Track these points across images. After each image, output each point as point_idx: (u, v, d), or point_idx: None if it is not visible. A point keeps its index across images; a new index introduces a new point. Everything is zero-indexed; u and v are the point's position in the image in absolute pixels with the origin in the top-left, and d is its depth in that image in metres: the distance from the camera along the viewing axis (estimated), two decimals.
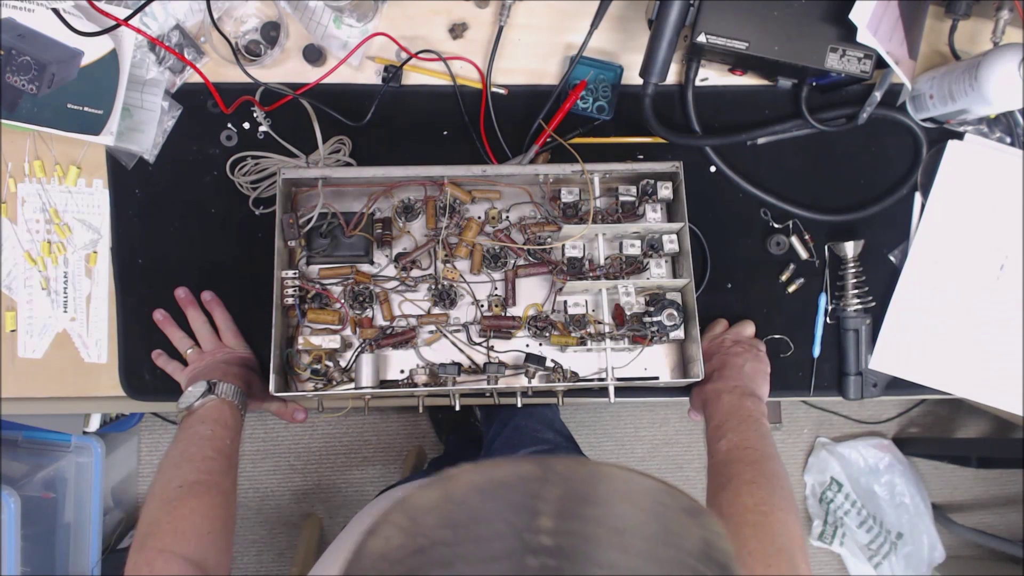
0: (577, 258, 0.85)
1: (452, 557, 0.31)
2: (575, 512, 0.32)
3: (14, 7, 0.82)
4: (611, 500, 0.34)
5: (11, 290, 0.90)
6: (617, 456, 1.85)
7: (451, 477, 0.35)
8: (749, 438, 0.73)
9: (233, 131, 0.90)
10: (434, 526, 0.32)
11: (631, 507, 0.34)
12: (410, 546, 0.32)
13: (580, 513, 0.32)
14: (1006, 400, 0.89)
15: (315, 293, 0.84)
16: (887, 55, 0.79)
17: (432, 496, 0.34)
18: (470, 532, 0.31)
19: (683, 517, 0.35)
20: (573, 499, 0.33)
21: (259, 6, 0.89)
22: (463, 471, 0.35)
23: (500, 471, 0.35)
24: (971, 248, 0.90)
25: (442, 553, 0.31)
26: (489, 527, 0.31)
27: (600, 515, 0.32)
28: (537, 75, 0.92)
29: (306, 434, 1.80)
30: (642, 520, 0.33)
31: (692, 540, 0.34)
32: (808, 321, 0.91)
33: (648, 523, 0.33)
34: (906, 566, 1.75)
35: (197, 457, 0.71)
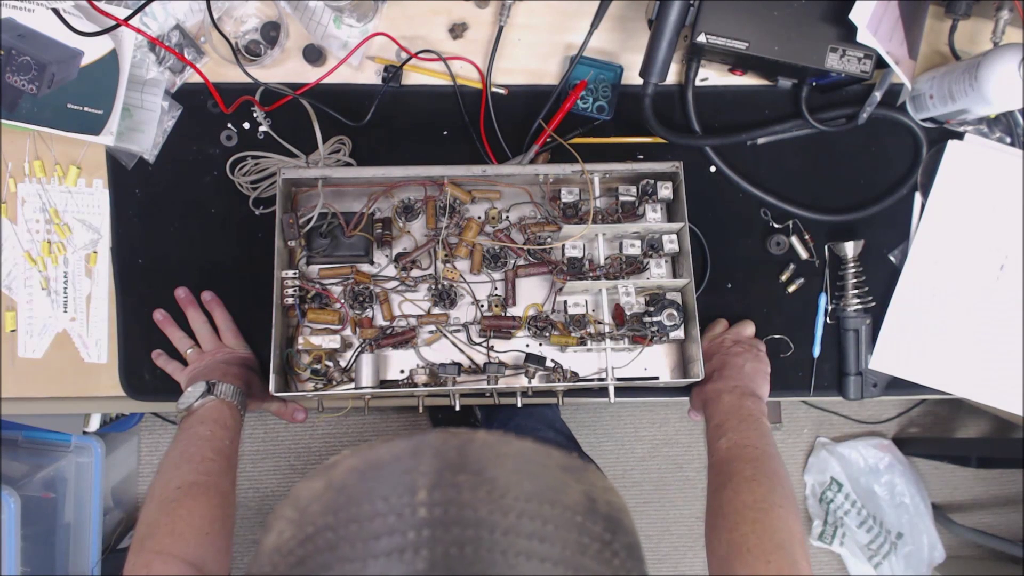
0: (577, 258, 0.85)
1: (336, 540, 0.31)
2: (450, 481, 0.33)
3: (14, 7, 0.82)
4: (486, 465, 0.34)
5: (11, 290, 0.90)
6: (617, 456, 1.85)
7: (332, 465, 0.36)
8: (749, 437, 0.73)
9: (233, 131, 0.90)
10: (319, 513, 0.33)
11: (507, 470, 0.34)
12: (299, 536, 0.33)
13: (455, 481, 0.33)
14: (1006, 400, 0.89)
15: (315, 293, 0.84)
16: (887, 55, 0.79)
17: (316, 485, 0.35)
18: (351, 514, 0.32)
19: (562, 475, 0.35)
20: (448, 469, 0.33)
21: (259, 6, 0.89)
22: (343, 457, 0.36)
23: (376, 452, 0.35)
24: (971, 248, 0.90)
25: (327, 538, 0.32)
26: (370, 507, 0.32)
27: (476, 481, 0.33)
28: (537, 75, 0.92)
29: (306, 434, 1.81)
30: (518, 481, 0.34)
31: (573, 496, 0.34)
32: (808, 321, 0.91)
33: (525, 483, 0.34)
34: (906, 566, 1.75)
35: (196, 458, 0.71)
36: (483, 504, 0.32)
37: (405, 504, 0.32)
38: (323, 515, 0.33)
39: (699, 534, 1.88)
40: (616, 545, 0.34)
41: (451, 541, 0.30)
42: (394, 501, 0.32)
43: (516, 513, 0.32)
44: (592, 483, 0.36)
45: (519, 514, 0.32)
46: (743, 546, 0.64)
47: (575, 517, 0.33)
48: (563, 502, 0.34)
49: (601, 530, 0.34)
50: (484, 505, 0.32)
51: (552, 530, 0.32)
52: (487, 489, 0.33)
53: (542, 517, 0.32)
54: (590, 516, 0.34)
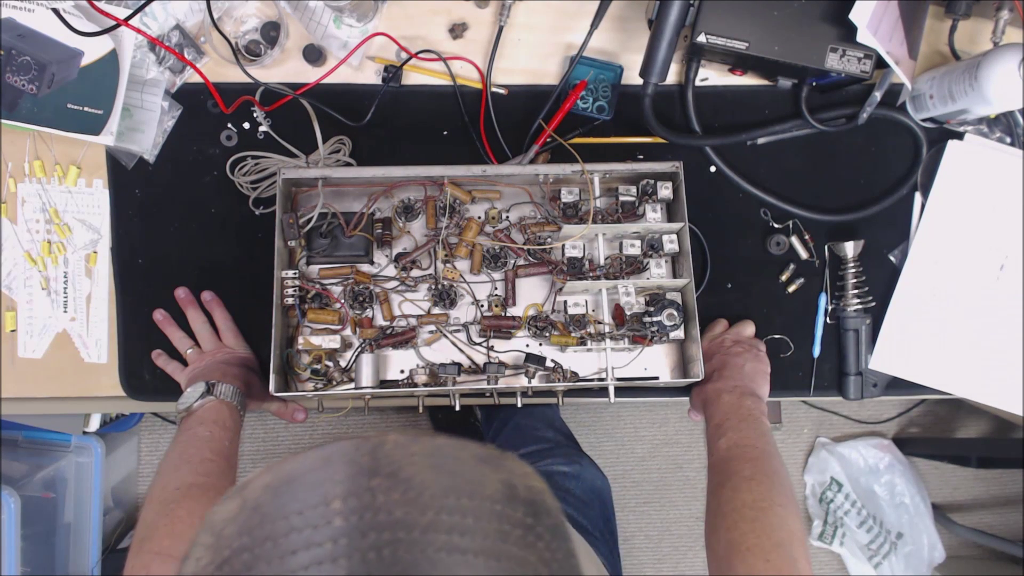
0: (577, 258, 0.85)
1: (253, 560, 0.31)
2: (364, 486, 0.32)
3: (14, 7, 0.82)
4: (400, 466, 0.34)
5: (11, 290, 0.90)
6: (617, 456, 1.85)
7: (245, 484, 0.35)
8: (749, 436, 0.73)
9: (233, 131, 0.90)
10: (234, 535, 0.32)
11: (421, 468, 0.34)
12: (216, 560, 0.32)
13: (369, 486, 0.32)
14: (1006, 400, 0.89)
15: (315, 293, 0.84)
16: (887, 55, 0.79)
17: (230, 507, 0.34)
18: (266, 532, 0.32)
19: (480, 467, 0.35)
20: (360, 474, 0.33)
21: (259, 6, 0.89)
22: (256, 475, 0.35)
23: (288, 466, 0.35)
24: (971, 248, 0.90)
25: (244, 560, 0.31)
26: (284, 523, 0.32)
27: (390, 484, 0.32)
28: (537, 75, 0.92)
29: (306, 434, 1.81)
30: (434, 478, 0.33)
31: (492, 485, 0.34)
32: (808, 321, 0.91)
33: (441, 479, 0.33)
34: (906, 566, 1.75)
35: (195, 459, 0.71)
36: (398, 506, 0.31)
37: (320, 516, 0.31)
38: (238, 536, 0.32)
39: (699, 534, 1.88)
40: (540, 528, 0.34)
41: (369, 547, 0.30)
42: (308, 514, 0.32)
43: (434, 510, 0.32)
44: (511, 471, 0.36)
45: (437, 510, 0.32)
46: (742, 545, 0.64)
47: (495, 506, 0.33)
48: (481, 493, 0.33)
49: (522, 515, 0.34)
50: (400, 507, 0.31)
51: (472, 522, 0.32)
52: (402, 490, 0.32)
53: (461, 511, 0.32)
54: (510, 503, 0.34)
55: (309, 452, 0.35)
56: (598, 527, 0.93)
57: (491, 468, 0.35)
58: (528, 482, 0.36)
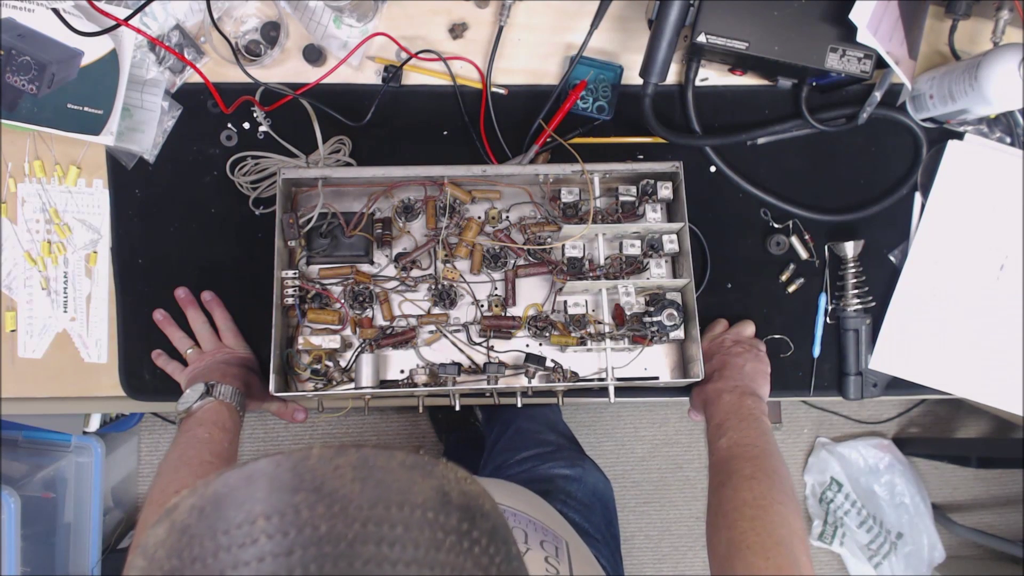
0: (577, 258, 0.85)
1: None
2: (288, 503, 0.32)
3: (14, 7, 0.82)
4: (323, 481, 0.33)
5: (11, 290, 0.90)
6: (617, 456, 1.85)
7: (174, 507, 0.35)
8: (749, 435, 0.73)
9: (233, 131, 0.90)
10: (164, 558, 0.32)
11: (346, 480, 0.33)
12: None
13: (292, 503, 0.32)
14: (1006, 400, 0.89)
15: (315, 293, 0.84)
16: (887, 55, 0.79)
17: (160, 531, 0.34)
18: (195, 553, 0.32)
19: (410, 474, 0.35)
20: (283, 491, 0.33)
21: (259, 6, 0.89)
22: (182, 497, 0.35)
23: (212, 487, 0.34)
24: (971, 248, 0.90)
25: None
26: (212, 543, 0.32)
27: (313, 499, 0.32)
28: (537, 75, 0.92)
29: (306, 434, 1.80)
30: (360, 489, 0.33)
31: (424, 493, 0.34)
32: (808, 321, 0.91)
33: (367, 490, 0.33)
34: (906, 566, 1.75)
35: (194, 461, 0.71)
36: (323, 520, 0.31)
37: (245, 535, 0.31)
38: (168, 559, 0.32)
39: (699, 534, 1.88)
40: (475, 533, 0.34)
41: (296, 563, 0.30)
42: (234, 533, 0.31)
43: (360, 521, 0.31)
44: (443, 476, 0.35)
45: (364, 522, 0.31)
46: (742, 544, 0.64)
47: (426, 514, 0.33)
48: (411, 501, 0.33)
49: (456, 521, 0.33)
50: (325, 521, 0.31)
51: (402, 532, 0.32)
52: (327, 503, 0.32)
53: (389, 521, 0.32)
54: (443, 510, 0.33)
55: (233, 470, 0.35)
56: (600, 530, 0.93)
57: (421, 475, 0.35)
58: (463, 487, 0.35)
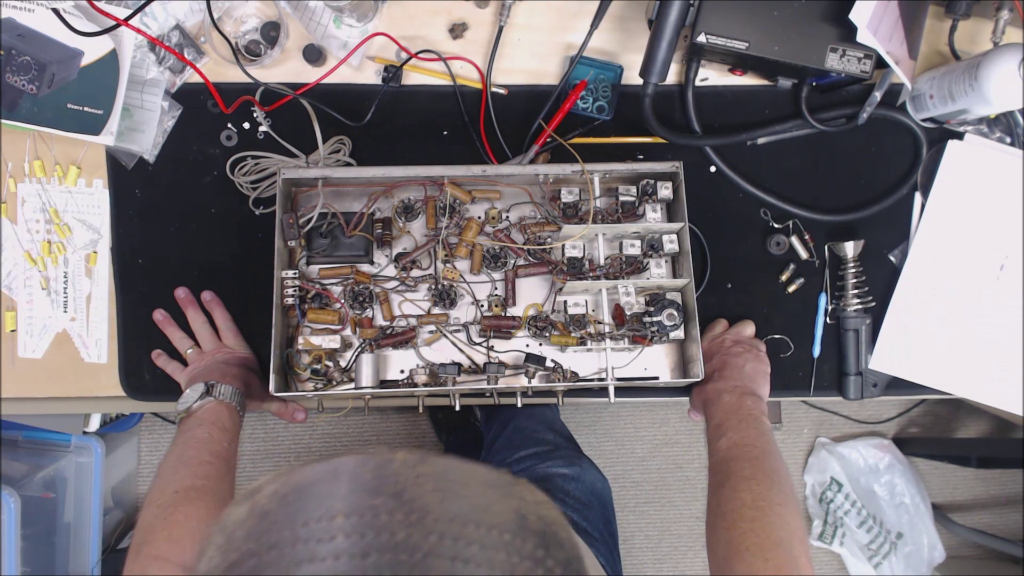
0: (577, 258, 0.85)
1: (260, 567, 0.31)
2: (367, 505, 0.32)
3: (14, 7, 0.82)
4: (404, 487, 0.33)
5: (11, 290, 0.90)
6: (617, 456, 1.85)
7: (257, 490, 0.35)
8: (749, 436, 0.73)
9: (233, 131, 0.90)
10: (243, 539, 0.33)
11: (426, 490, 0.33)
12: (225, 562, 0.32)
13: (372, 505, 0.32)
14: (1006, 400, 0.89)
15: (315, 293, 0.84)
16: (887, 55, 0.79)
17: (241, 511, 0.34)
18: (272, 540, 0.32)
19: (489, 492, 0.34)
20: (364, 492, 0.33)
21: (259, 6, 0.89)
22: (266, 481, 0.35)
23: (296, 476, 0.35)
24: (971, 248, 0.90)
25: (251, 565, 0.31)
26: (291, 533, 0.32)
27: (393, 504, 0.32)
28: (537, 75, 0.92)
29: (306, 434, 1.80)
30: (439, 501, 0.33)
31: (502, 514, 0.33)
32: (808, 321, 0.91)
33: (448, 504, 0.33)
34: (906, 566, 1.75)
35: (194, 462, 0.71)
36: (401, 527, 0.31)
37: (324, 530, 0.31)
38: (247, 541, 0.32)
39: (699, 534, 1.88)
40: (550, 562, 0.33)
41: (370, 566, 0.30)
42: (313, 527, 0.31)
43: (436, 535, 0.31)
44: (522, 498, 0.35)
45: (440, 535, 0.31)
46: (741, 545, 0.64)
47: (503, 535, 0.32)
48: (489, 521, 0.33)
49: (533, 547, 0.33)
50: (402, 528, 0.31)
51: (477, 551, 0.31)
52: (405, 511, 0.32)
53: (465, 538, 0.31)
54: (520, 533, 0.33)
55: (318, 463, 0.35)
56: (598, 529, 0.93)
57: (501, 494, 0.34)
58: (541, 511, 0.35)
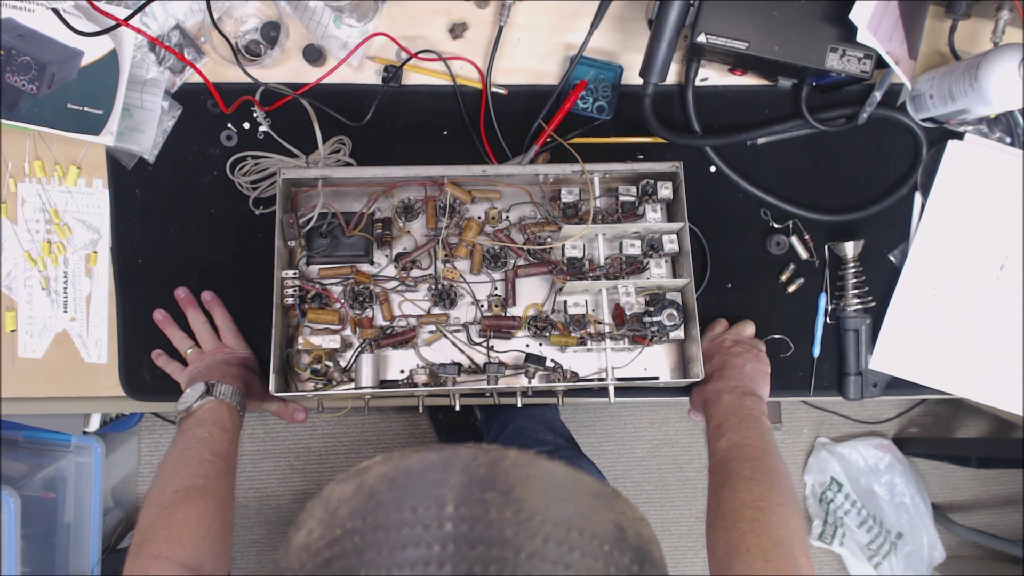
0: (577, 258, 0.85)
1: (364, 545, 0.32)
2: (478, 498, 0.33)
3: (14, 7, 0.82)
4: (515, 485, 0.34)
5: (11, 290, 0.90)
6: (617, 456, 1.85)
7: (365, 469, 0.36)
8: (749, 436, 0.73)
9: (233, 131, 0.90)
10: (347, 516, 0.33)
11: (536, 492, 0.34)
12: (327, 537, 0.33)
13: (483, 499, 0.33)
14: (1006, 400, 0.89)
15: (315, 293, 0.84)
16: (887, 55, 0.79)
17: (347, 489, 0.35)
18: (379, 521, 0.32)
19: (593, 502, 0.35)
20: (476, 485, 0.33)
21: (259, 6, 0.89)
22: (375, 463, 0.36)
23: (408, 461, 0.35)
24: (971, 248, 0.90)
25: (355, 542, 0.32)
26: (398, 515, 0.32)
27: (504, 501, 0.33)
28: (537, 75, 0.92)
29: (306, 434, 1.80)
30: (547, 504, 0.33)
31: (603, 524, 0.34)
32: (808, 321, 0.91)
33: (554, 507, 0.33)
34: (906, 566, 1.75)
35: (194, 461, 0.71)
36: (509, 525, 0.32)
37: (432, 516, 0.32)
38: (351, 519, 0.33)
39: (699, 534, 1.88)
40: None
41: (475, 559, 0.30)
42: (422, 512, 0.32)
43: (543, 537, 0.32)
44: (623, 512, 0.36)
45: (545, 538, 0.32)
46: (741, 545, 0.64)
47: (603, 546, 0.33)
48: (591, 530, 0.33)
49: (629, 561, 0.33)
50: (511, 526, 0.32)
51: (578, 558, 0.32)
52: (514, 509, 0.32)
53: (569, 543, 0.32)
54: (619, 546, 0.34)
55: (429, 451, 0.36)
56: None
57: (604, 505, 0.35)
58: (639, 528, 0.36)
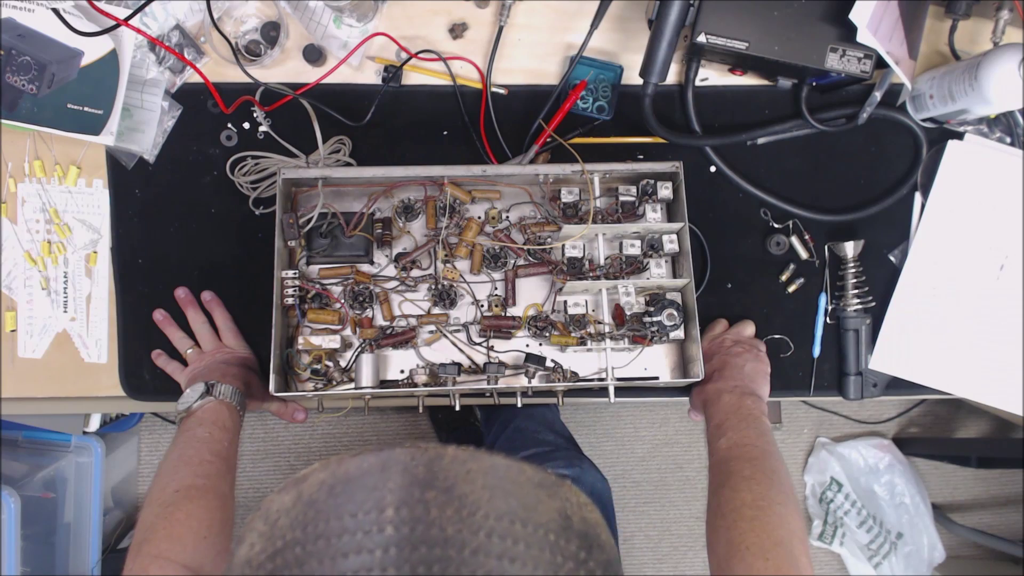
0: (577, 258, 0.85)
1: (304, 556, 0.31)
2: (418, 498, 0.32)
3: (14, 7, 0.82)
4: (455, 482, 0.33)
5: (11, 290, 0.90)
6: (617, 456, 1.85)
7: (302, 478, 0.35)
8: (748, 436, 0.73)
9: (233, 131, 0.90)
10: (287, 527, 0.33)
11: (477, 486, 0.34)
12: (268, 550, 0.32)
13: (423, 498, 0.32)
14: (1006, 400, 0.89)
15: (315, 293, 0.84)
16: (887, 55, 0.79)
17: (286, 499, 0.34)
18: (319, 530, 0.32)
19: (536, 492, 0.35)
20: (416, 485, 0.33)
21: (259, 6, 0.89)
22: (313, 470, 0.35)
23: (345, 466, 0.35)
24: (971, 248, 0.90)
25: (296, 554, 0.32)
26: (338, 523, 0.32)
27: (444, 499, 0.32)
28: (537, 75, 0.92)
29: (306, 434, 1.80)
30: (489, 498, 0.33)
31: (547, 513, 0.34)
32: (808, 321, 0.91)
33: (496, 500, 0.33)
34: (906, 566, 1.75)
35: (194, 461, 0.71)
36: (451, 523, 0.31)
37: (372, 521, 0.31)
38: (292, 529, 0.33)
39: (699, 534, 1.88)
40: (591, 563, 0.34)
41: (418, 560, 0.30)
42: (361, 518, 0.32)
43: (486, 532, 0.31)
44: (567, 499, 0.36)
45: (488, 533, 0.31)
46: (741, 544, 0.64)
47: (548, 535, 0.33)
48: (535, 520, 0.33)
49: (576, 548, 0.33)
50: (452, 524, 0.31)
51: (523, 549, 0.32)
52: (455, 507, 0.32)
53: (513, 536, 0.32)
54: (564, 534, 0.33)
55: (367, 455, 0.35)
56: None
57: (547, 494, 0.35)
58: (584, 513, 0.36)
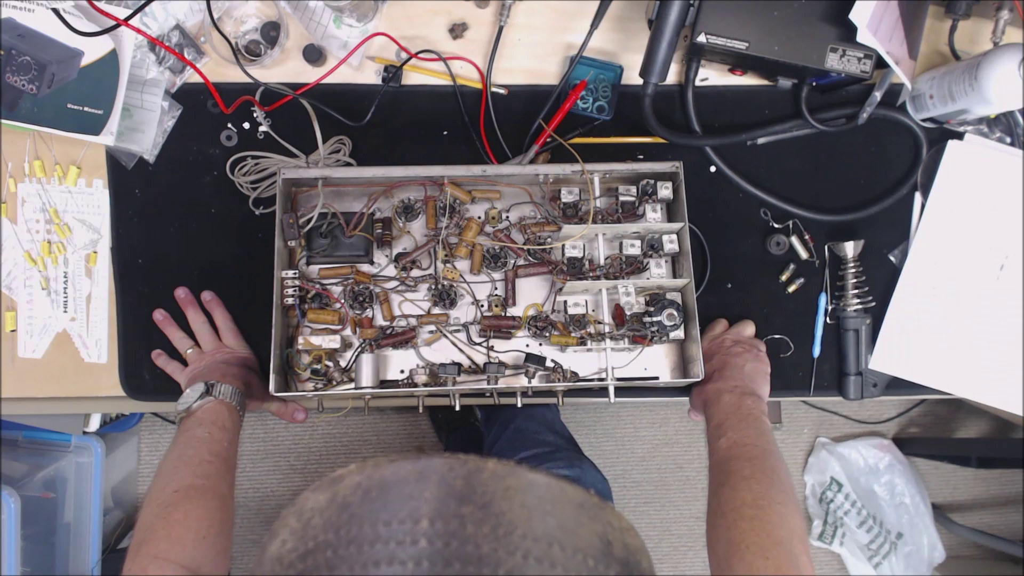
0: (577, 258, 0.85)
1: (335, 560, 0.31)
2: (454, 512, 0.31)
3: (14, 7, 0.82)
4: (493, 498, 0.32)
5: (11, 290, 0.90)
6: (617, 456, 1.85)
7: (338, 479, 0.35)
8: (748, 435, 0.73)
9: (233, 131, 0.90)
10: (320, 528, 0.32)
11: (516, 504, 0.33)
12: (299, 549, 0.32)
13: (459, 513, 0.31)
14: (1006, 400, 0.89)
15: (315, 293, 0.84)
16: (887, 55, 0.79)
17: (321, 498, 0.34)
18: (352, 535, 0.31)
19: (577, 513, 0.34)
20: (452, 498, 0.32)
21: (259, 6, 0.89)
22: (349, 472, 0.35)
23: (382, 472, 0.34)
24: (971, 248, 0.90)
25: (327, 556, 0.31)
26: (371, 530, 0.31)
27: (481, 515, 0.31)
28: (537, 75, 0.92)
29: (306, 434, 1.80)
30: (527, 518, 0.32)
31: (587, 537, 0.33)
32: (808, 321, 0.91)
33: (534, 521, 0.32)
34: (906, 566, 1.75)
35: (193, 461, 0.71)
36: (487, 540, 0.31)
37: (406, 532, 0.31)
38: (324, 531, 0.32)
39: (699, 534, 1.88)
40: None
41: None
42: (395, 527, 0.31)
43: (523, 553, 0.30)
44: (609, 523, 0.34)
45: (525, 554, 0.30)
46: (741, 544, 0.64)
47: (587, 560, 0.32)
48: (575, 544, 0.32)
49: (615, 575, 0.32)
50: (488, 542, 0.30)
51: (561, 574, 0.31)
52: (492, 524, 0.31)
53: (551, 559, 0.31)
54: (604, 560, 0.32)
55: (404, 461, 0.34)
56: None
57: (588, 517, 0.34)
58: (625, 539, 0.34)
